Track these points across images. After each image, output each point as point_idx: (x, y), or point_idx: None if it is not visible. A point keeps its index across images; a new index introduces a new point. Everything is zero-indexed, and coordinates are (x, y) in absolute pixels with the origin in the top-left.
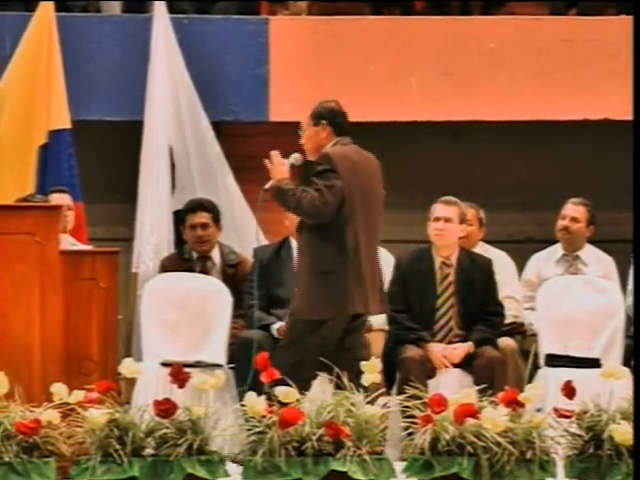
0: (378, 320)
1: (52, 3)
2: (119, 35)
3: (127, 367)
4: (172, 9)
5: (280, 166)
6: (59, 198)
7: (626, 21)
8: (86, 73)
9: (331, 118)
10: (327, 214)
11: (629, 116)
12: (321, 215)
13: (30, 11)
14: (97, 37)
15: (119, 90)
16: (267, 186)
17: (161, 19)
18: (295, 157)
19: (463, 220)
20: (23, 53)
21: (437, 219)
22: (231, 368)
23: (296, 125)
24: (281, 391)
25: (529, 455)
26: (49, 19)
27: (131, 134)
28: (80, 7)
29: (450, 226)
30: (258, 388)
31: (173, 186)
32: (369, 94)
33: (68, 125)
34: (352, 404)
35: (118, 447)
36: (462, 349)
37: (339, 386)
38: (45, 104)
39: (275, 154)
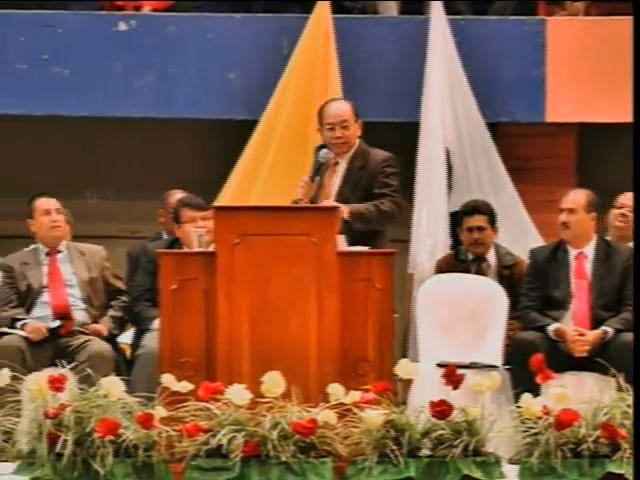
0: None
1: (329, 3)
2: (396, 37)
3: (403, 368)
4: (448, 10)
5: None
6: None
7: None
8: (362, 74)
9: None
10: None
11: None
12: (397, 218)
13: (307, 13)
14: (374, 39)
15: (395, 92)
16: (345, 217)
17: (438, 20)
18: (324, 156)
19: None
20: (300, 54)
21: None
22: (507, 369)
23: (572, 126)
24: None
25: None
26: (326, 19)
27: (407, 135)
28: (357, 9)
29: None
30: (534, 390)
31: (450, 187)
32: None
33: None
34: (628, 406)
35: (394, 448)
36: None
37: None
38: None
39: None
